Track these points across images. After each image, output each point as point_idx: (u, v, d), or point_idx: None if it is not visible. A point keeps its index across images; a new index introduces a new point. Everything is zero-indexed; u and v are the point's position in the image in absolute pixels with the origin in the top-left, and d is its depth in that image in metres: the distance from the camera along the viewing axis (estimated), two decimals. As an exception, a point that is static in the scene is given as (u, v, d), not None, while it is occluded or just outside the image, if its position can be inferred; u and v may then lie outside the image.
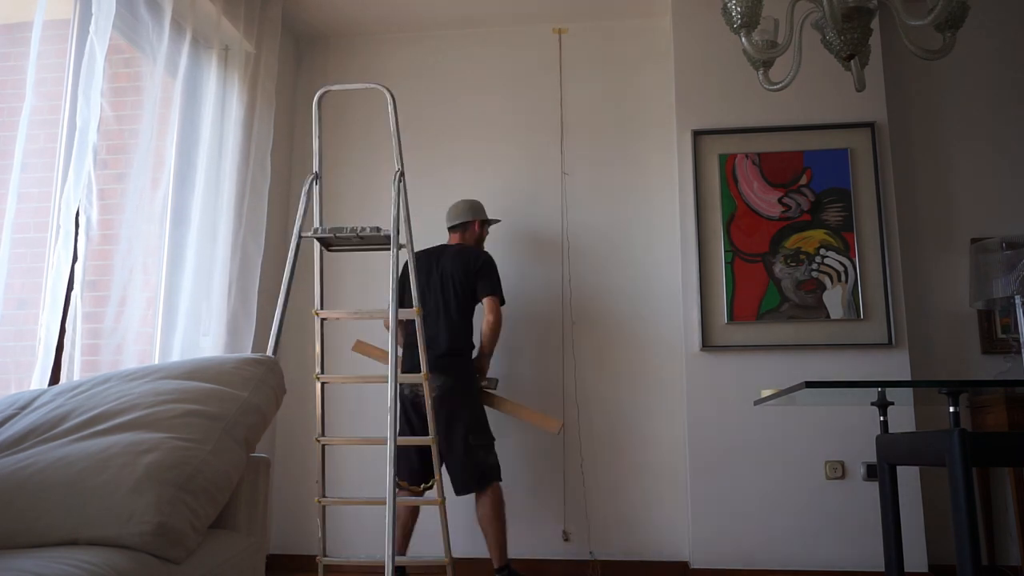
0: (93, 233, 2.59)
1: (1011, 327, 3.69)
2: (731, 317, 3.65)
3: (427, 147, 4.27)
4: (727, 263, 3.70)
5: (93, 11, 2.63)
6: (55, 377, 2.47)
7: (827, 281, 3.64)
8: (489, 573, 3.72)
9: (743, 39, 2.33)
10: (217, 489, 1.68)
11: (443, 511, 2.82)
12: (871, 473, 3.46)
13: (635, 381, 3.91)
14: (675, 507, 3.77)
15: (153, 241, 3.05)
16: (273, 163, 3.81)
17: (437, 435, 3.14)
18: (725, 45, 3.89)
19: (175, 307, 3.20)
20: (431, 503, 2.81)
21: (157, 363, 2.28)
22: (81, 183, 2.52)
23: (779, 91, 2.96)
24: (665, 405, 3.87)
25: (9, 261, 2.27)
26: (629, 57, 4.24)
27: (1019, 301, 3.29)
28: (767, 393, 2.58)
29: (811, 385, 2.11)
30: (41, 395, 1.89)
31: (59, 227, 2.50)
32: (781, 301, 3.64)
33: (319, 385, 2.82)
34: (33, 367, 2.40)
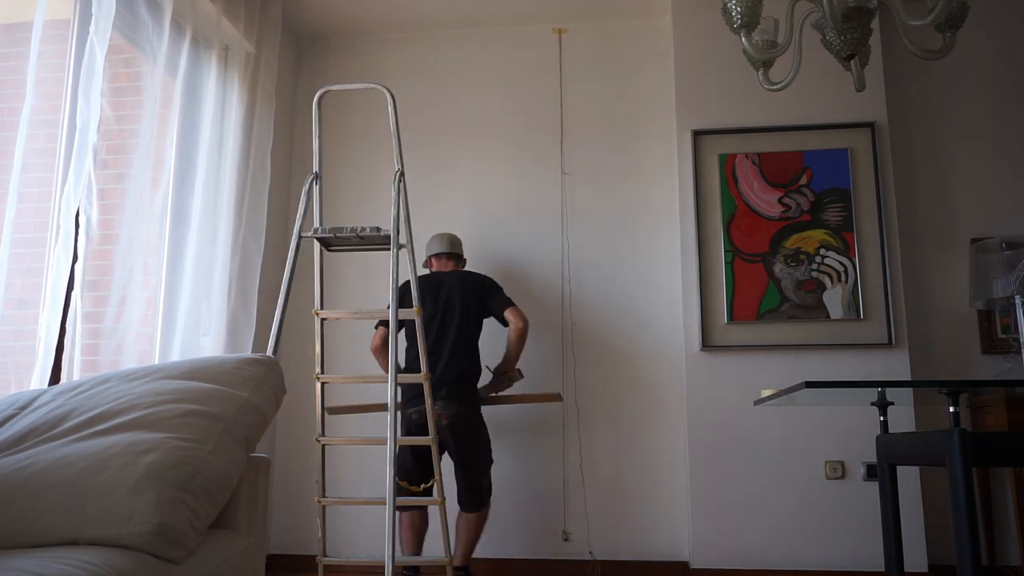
0: (93, 233, 2.59)
1: (1011, 327, 3.69)
2: (731, 317, 3.65)
3: (427, 147, 4.27)
4: (727, 263, 3.70)
5: (93, 11, 2.63)
6: (55, 377, 2.48)
7: (827, 281, 3.64)
8: (486, 573, 3.72)
9: (743, 39, 2.33)
10: (217, 489, 1.68)
11: (443, 511, 2.82)
12: (871, 473, 3.46)
13: (635, 381, 3.91)
14: (675, 507, 3.77)
15: (153, 241, 3.05)
16: (273, 163, 3.81)
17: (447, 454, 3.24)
18: (725, 45, 3.89)
19: (175, 307, 3.20)
20: (431, 503, 2.81)
21: (157, 363, 2.28)
22: (81, 183, 2.52)
23: (779, 91, 2.96)
24: (665, 405, 3.87)
25: (9, 261, 2.27)
26: (629, 57, 4.24)
27: (1019, 301, 3.29)
28: (767, 393, 2.59)
29: (811, 385, 2.11)
30: (41, 395, 1.89)
31: (59, 227, 2.50)
32: (781, 301, 3.64)
33: (319, 385, 2.82)
34: (33, 367, 2.41)
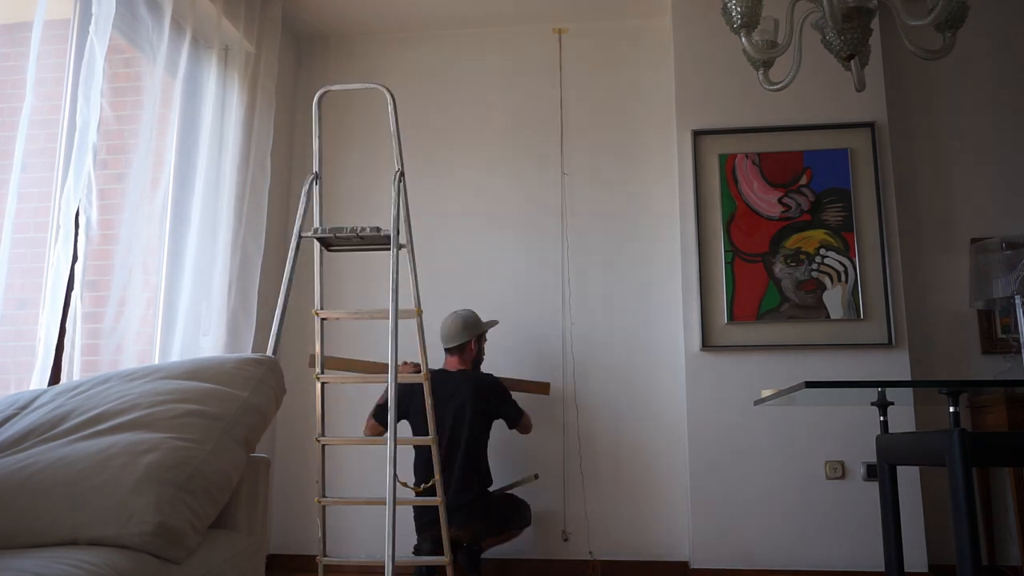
0: (93, 233, 2.59)
1: (1011, 327, 3.69)
2: (731, 317, 3.65)
3: (427, 147, 4.27)
4: (727, 263, 3.70)
5: (93, 11, 2.63)
6: (55, 377, 2.48)
7: (827, 281, 3.64)
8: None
9: (743, 39, 2.33)
10: (217, 489, 1.68)
11: (443, 511, 2.82)
12: (871, 473, 3.46)
13: (635, 381, 3.91)
14: (675, 507, 3.77)
15: (153, 241, 3.05)
16: (273, 163, 3.81)
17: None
18: (725, 45, 3.89)
19: (175, 307, 3.20)
20: (431, 503, 2.81)
21: (157, 363, 2.28)
22: (81, 183, 2.52)
23: (779, 91, 2.96)
24: (665, 405, 3.87)
25: (9, 261, 2.27)
26: (629, 57, 4.24)
27: (1019, 301, 3.29)
28: (767, 393, 2.58)
29: (811, 385, 2.11)
30: (41, 395, 1.89)
31: (59, 227, 2.50)
32: (781, 301, 3.64)
33: (319, 385, 2.82)
34: (33, 367, 2.41)
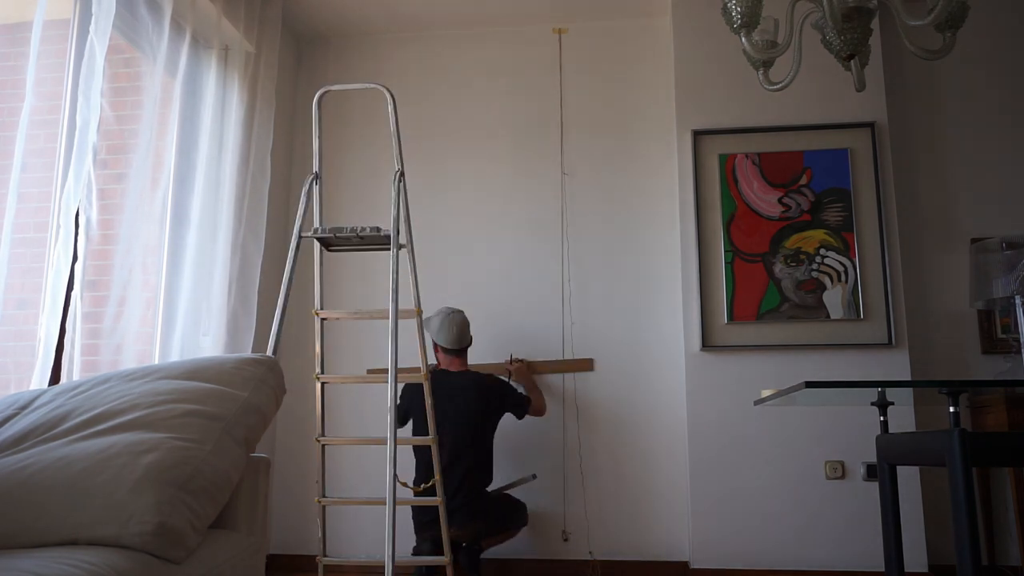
0: (93, 233, 2.59)
1: (1011, 327, 3.68)
2: (731, 317, 3.65)
3: (427, 147, 4.27)
4: (727, 263, 3.70)
5: (93, 11, 2.63)
6: (55, 377, 2.48)
7: (827, 281, 3.64)
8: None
9: (743, 39, 2.33)
10: (217, 489, 1.68)
11: (443, 511, 2.82)
12: (871, 473, 3.46)
13: (635, 381, 3.91)
14: (675, 507, 3.77)
15: (153, 241, 3.05)
16: (273, 163, 3.81)
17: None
18: (725, 45, 3.89)
19: (175, 307, 3.20)
20: (431, 502, 2.81)
21: (157, 363, 2.28)
22: (81, 183, 2.52)
23: (779, 91, 2.96)
24: (665, 405, 3.86)
25: (9, 261, 2.27)
26: (629, 57, 4.24)
27: (1019, 301, 3.29)
28: (767, 393, 2.58)
29: (811, 385, 2.11)
30: (41, 395, 1.89)
31: (59, 227, 2.50)
32: (781, 301, 3.64)
33: (319, 385, 2.82)
34: (33, 367, 2.41)
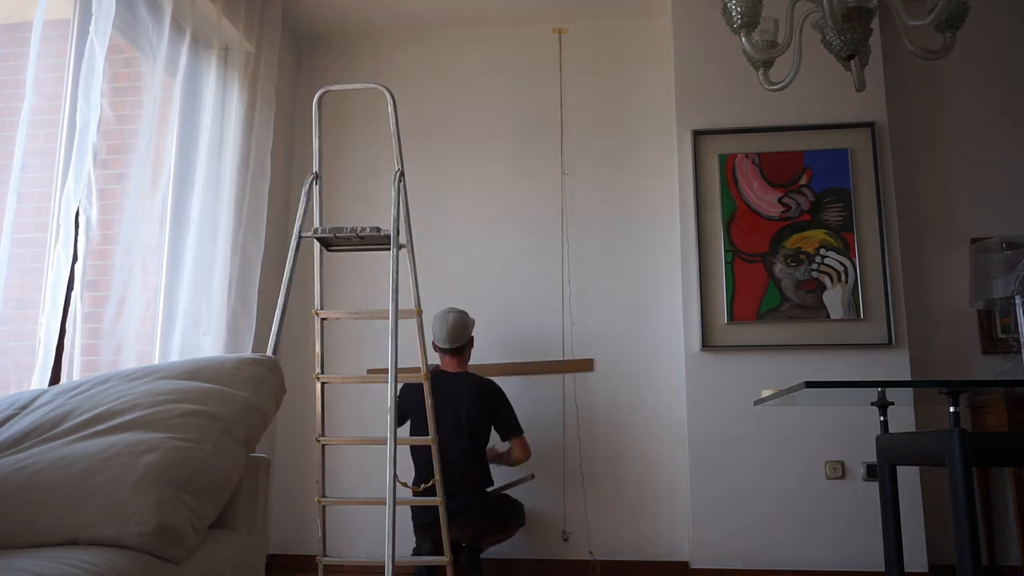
0: (93, 233, 2.59)
1: (1011, 327, 3.68)
2: (731, 317, 3.65)
3: (427, 147, 4.27)
4: (727, 263, 3.70)
5: (93, 11, 2.63)
6: (55, 377, 2.48)
7: (827, 281, 3.64)
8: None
9: (743, 39, 2.33)
10: (217, 489, 1.68)
11: (443, 511, 2.82)
12: (871, 473, 3.46)
13: (635, 381, 3.91)
14: (675, 507, 3.77)
15: (153, 241, 3.05)
16: (273, 163, 3.81)
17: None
18: (725, 45, 3.89)
19: (175, 307, 3.20)
20: (431, 503, 2.81)
21: (157, 363, 2.28)
22: (81, 183, 2.52)
23: (779, 91, 2.96)
24: (665, 405, 3.86)
25: (9, 261, 2.27)
26: (629, 57, 4.24)
27: (1019, 301, 3.29)
28: (767, 393, 2.58)
29: (811, 385, 2.11)
30: (41, 395, 1.89)
31: (59, 227, 2.50)
32: (781, 301, 3.64)
33: (319, 385, 2.82)
34: (33, 367, 2.40)
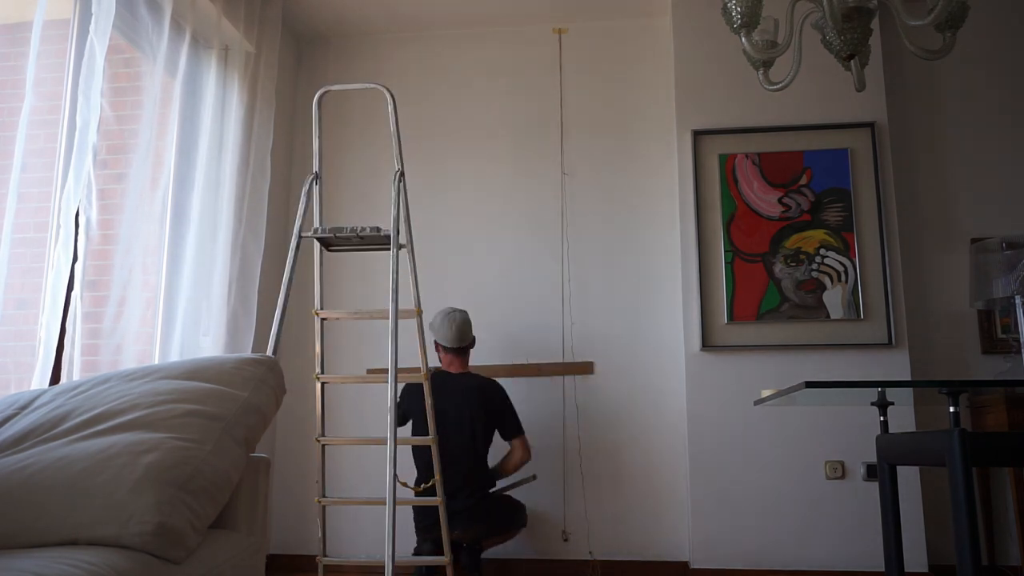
0: (93, 233, 2.59)
1: (1011, 327, 3.68)
2: (731, 317, 3.65)
3: (427, 147, 4.27)
4: (727, 263, 3.70)
5: (93, 11, 2.63)
6: (55, 377, 2.48)
7: (827, 281, 3.64)
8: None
9: (743, 39, 2.33)
10: (217, 489, 1.68)
11: (443, 511, 2.82)
12: (871, 473, 3.46)
13: (635, 381, 3.91)
14: (675, 507, 3.77)
15: (153, 241, 3.05)
16: (273, 163, 3.81)
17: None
18: (725, 45, 3.89)
19: (175, 307, 3.20)
20: (431, 503, 2.81)
21: (157, 363, 2.28)
22: (81, 183, 2.52)
23: (779, 91, 2.96)
24: (665, 405, 3.86)
25: (9, 261, 2.27)
26: (629, 57, 4.24)
27: (1019, 301, 3.29)
28: (767, 393, 2.58)
29: (811, 385, 2.11)
30: (41, 395, 1.89)
31: (59, 227, 2.50)
32: (781, 301, 3.64)
33: (319, 385, 2.82)
34: (33, 367, 2.41)
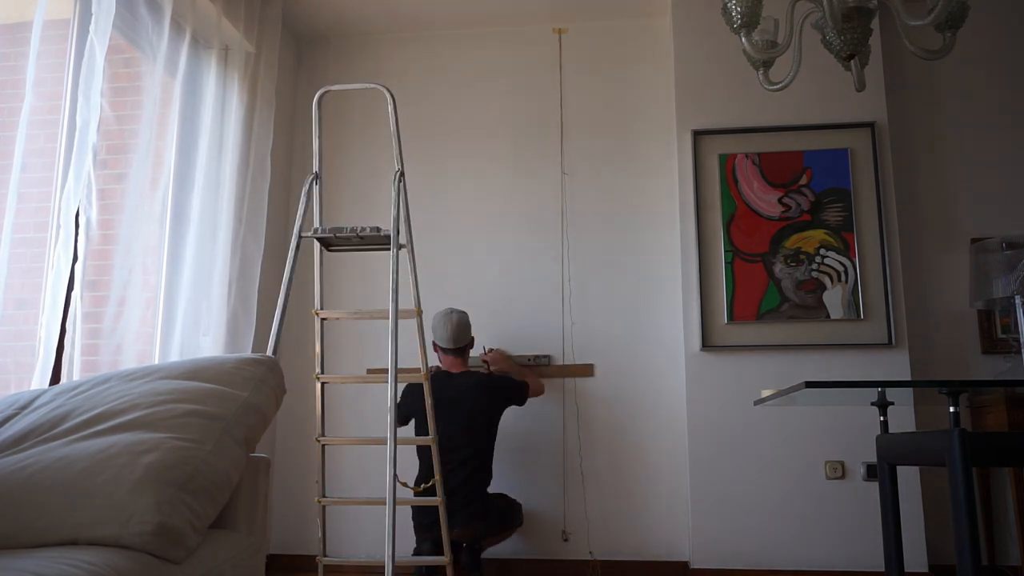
0: (93, 233, 2.59)
1: (1011, 327, 3.68)
2: (731, 317, 3.65)
3: (427, 147, 4.27)
4: (727, 263, 3.70)
5: (93, 11, 2.63)
6: (55, 377, 2.47)
7: (827, 281, 3.64)
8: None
9: (743, 39, 2.33)
10: (217, 489, 1.68)
11: (443, 511, 2.82)
12: (871, 473, 3.46)
13: (635, 381, 3.91)
14: (675, 507, 3.77)
15: (153, 241, 3.05)
16: (273, 163, 3.81)
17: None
18: (725, 45, 3.89)
19: (175, 307, 3.20)
20: (431, 502, 2.81)
21: (157, 363, 2.28)
22: (81, 183, 2.52)
23: (779, 91, 2.96)
24: (665, 405, 3.86)
25: (9, 261, 2.27)
26: (629, 57, 4.24)
27: (1019, 301, 3.29)
28: (767, 393, 2.58)
29: (811, 385, 2.11)
30: (41, 395, 1.89)
31: (59, 227, 2.50)
32: (781, 301, 3.64)
33: (319, 385, 2.82)
34: (33, 367, 2.41)
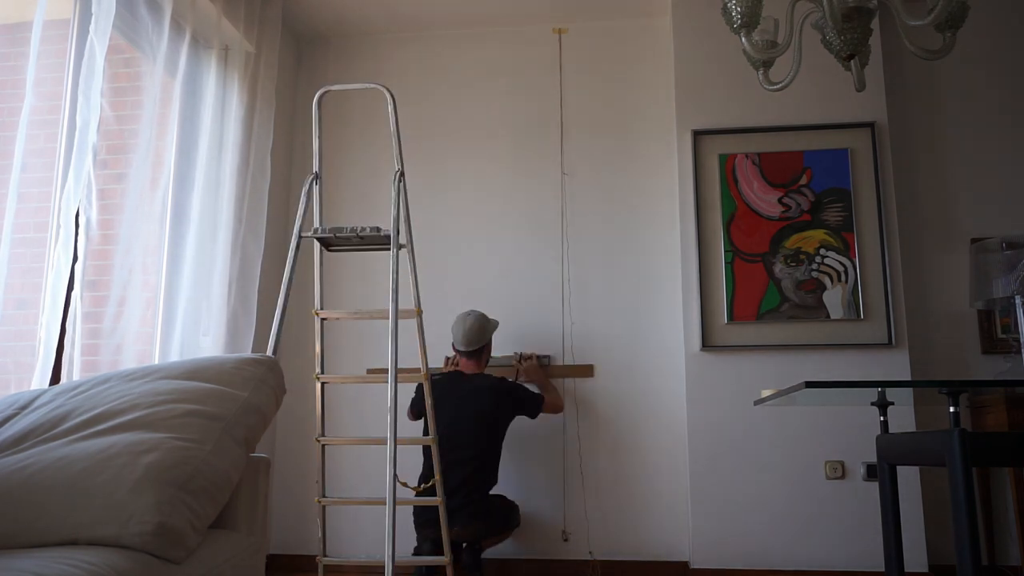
0: (93, 233, 2.59)
1: (1011, 327, 3.68)
2: (731, 317, 3.65)
3: (427, 147, 4.27)
4: (727, 263, 3.70)
5: (93, 11, 2.63)
6: (55, 377, 2.48)
7: (827, 281, 3.64)
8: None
9: (743, 39, 2.33)
10: (217, 489, 1.68)
11: (443, 511, 2.82)
12: (871, 473, 3.46)
13: (635, 381, 3.91)
14: (675, 507, 3.77)
15: (153, 241, 3.05)
16: (273, 163, 3.81)
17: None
18: (725, 45, 3.89)
19: (175, 307, 3.20)
20: (431, 502, 2.81)
21: (157, 363, 2.28)
22: (81, 183, 2.52)
23: (779, 91, 2.96)
24: (665, 405, 3.86)
25: (9, 261, 2.27)
26: (629, 57, 4.24)
27: (1019, 301, 3.29)
28: (767, 393, 2.58)
29: (811, 385, 2.11)
30: (41, 395, 1.89)
31: (59, 227, 2.50)
32: (781, 301, 3.64)
33: (319, 385, 2.82)
34: (33, 367, 2.41)
